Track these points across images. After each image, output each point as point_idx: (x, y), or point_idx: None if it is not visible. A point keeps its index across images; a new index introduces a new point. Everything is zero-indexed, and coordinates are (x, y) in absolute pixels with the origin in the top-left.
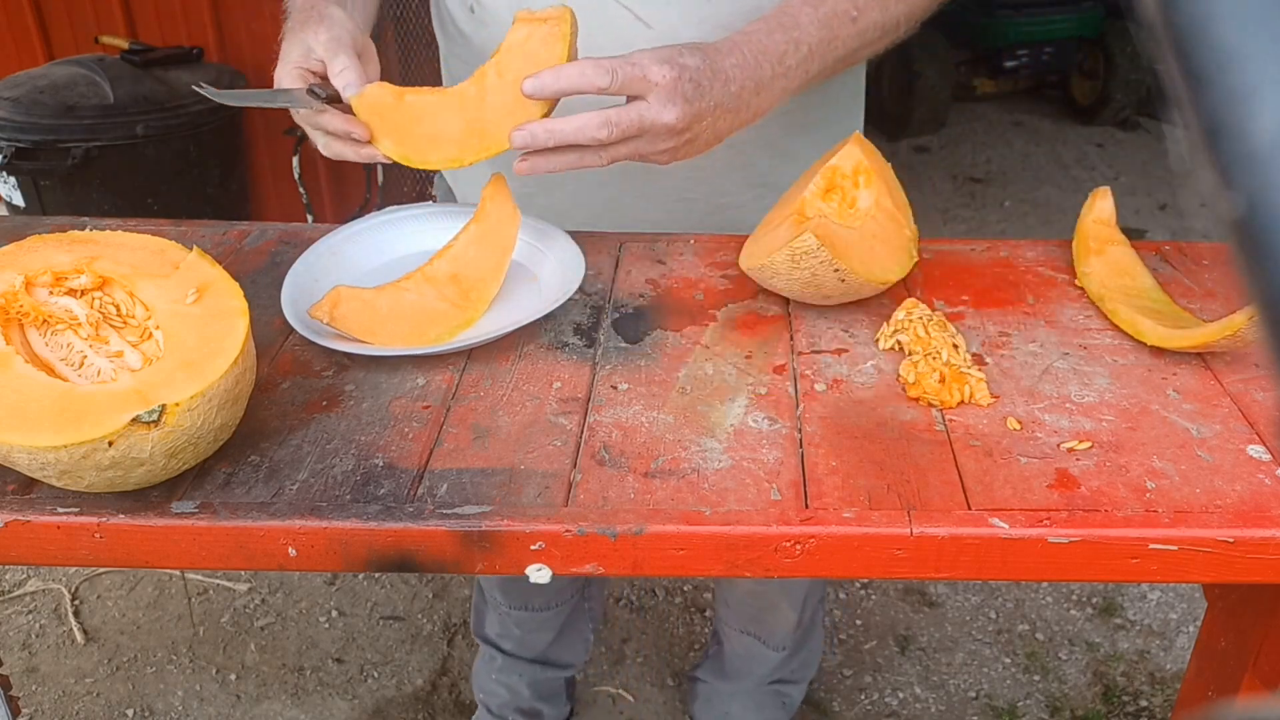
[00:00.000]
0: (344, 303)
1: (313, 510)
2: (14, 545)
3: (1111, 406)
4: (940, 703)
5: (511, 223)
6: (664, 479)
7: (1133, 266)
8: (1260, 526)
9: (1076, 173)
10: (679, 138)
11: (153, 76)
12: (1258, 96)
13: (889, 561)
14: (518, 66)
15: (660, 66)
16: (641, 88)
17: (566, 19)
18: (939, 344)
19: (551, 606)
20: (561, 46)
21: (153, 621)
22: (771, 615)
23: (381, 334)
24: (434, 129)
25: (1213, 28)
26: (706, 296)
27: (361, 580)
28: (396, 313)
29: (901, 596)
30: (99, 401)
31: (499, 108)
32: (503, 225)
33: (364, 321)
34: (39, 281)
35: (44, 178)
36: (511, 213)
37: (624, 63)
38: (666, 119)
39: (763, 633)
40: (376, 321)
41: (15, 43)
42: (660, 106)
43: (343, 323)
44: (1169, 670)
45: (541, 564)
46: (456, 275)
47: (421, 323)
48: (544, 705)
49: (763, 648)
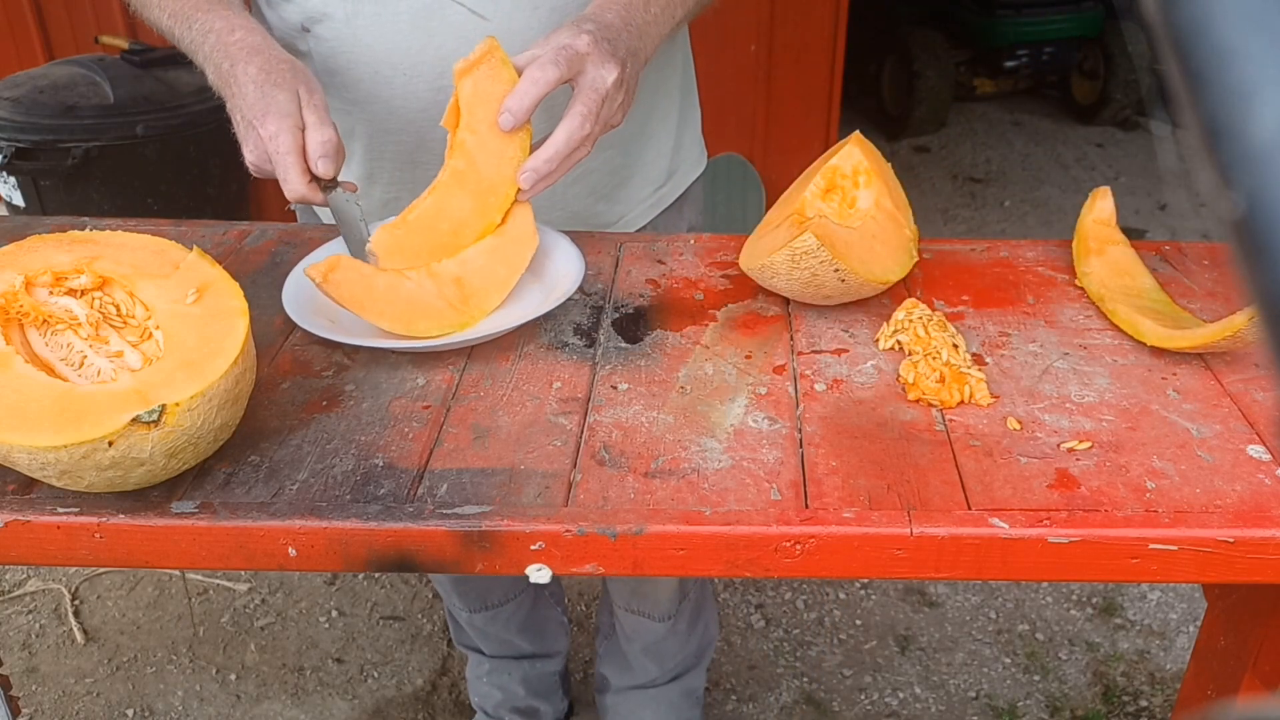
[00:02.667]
0: (341, 270)
1: (313, 510)
2: (14, 545)
3: (1111, 406)
4: (940, 703)
5: (528, 244)
6: (664, 479)
7: (1133, 266)
8: (1260, 526)
9: (1076, 173)
10: (622, 90)
11: (153, 76)
12: (1258, 96)
13: (889, 561)
14: (484, 114)
15: (578, 37)
16: (579, 62)
17: (496, 47)
18: (939, 344)
19: (510, 599)
20: (507, 71)
21: (153, 621)
22: (650, 584)
23: (370, 309)
24: (453, 222)
25: (1213, 28)
26: (706, 296)
27: (361, 580)
28: (391, 295)
29: (901, 596)
30: (99, 401)
31: (491, 162)
32: (519, 244)
33: (355, 293)
34: (39, 281)
35: (44, 178)
36: (530, 234)
37: (555, 48)
38: (611, 76)
39: (645, 606)
40: (369, 297)
41: (15, 43)
42: (600, 68)
43: (335, 288)
44: (1169, 670)
45: (541, 564)
46: (461, 279)
47: (412, 313)
48: (540, 702)
49: (649, 621)
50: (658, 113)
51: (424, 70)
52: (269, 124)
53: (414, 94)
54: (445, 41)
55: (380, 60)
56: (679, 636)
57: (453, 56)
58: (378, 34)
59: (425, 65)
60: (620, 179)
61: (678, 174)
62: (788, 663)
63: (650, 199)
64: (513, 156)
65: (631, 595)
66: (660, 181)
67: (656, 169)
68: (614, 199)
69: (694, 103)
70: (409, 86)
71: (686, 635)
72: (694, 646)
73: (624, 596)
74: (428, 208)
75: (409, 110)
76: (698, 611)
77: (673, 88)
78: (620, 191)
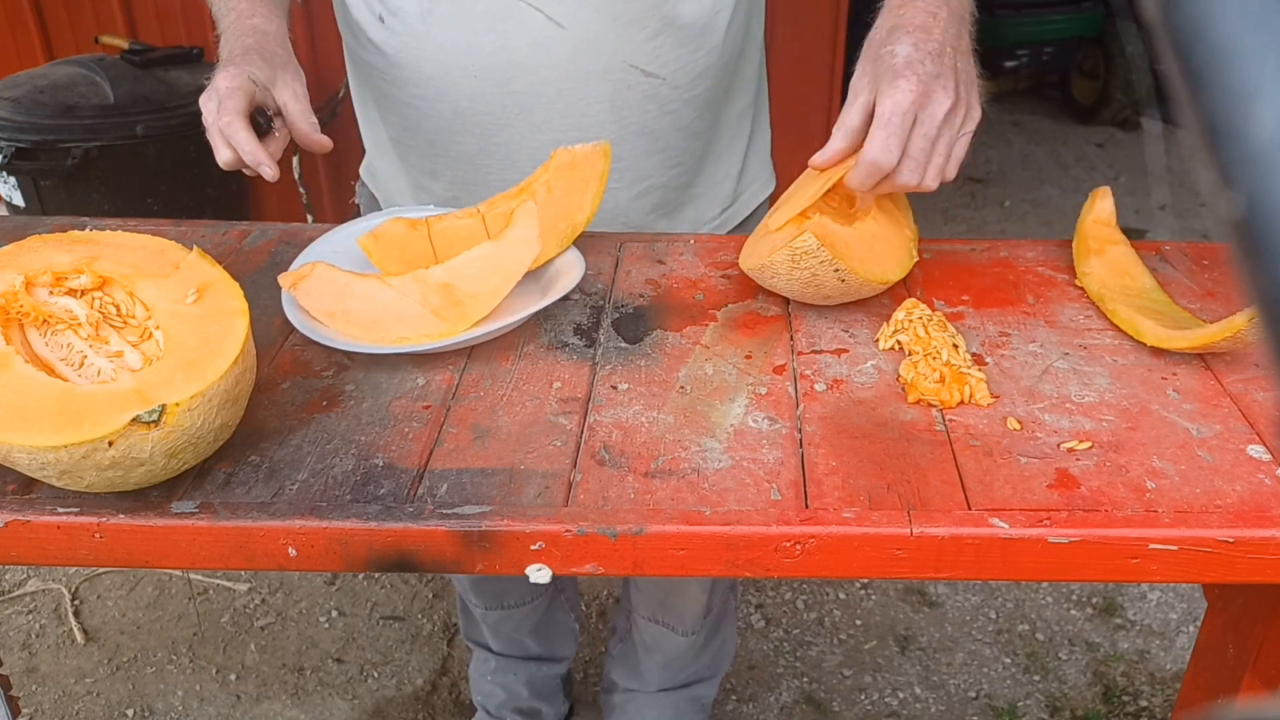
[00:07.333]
0: (315, 278)
1: (313, 510)
2: (14, 545)
3: (1111, 406)
4: (940, 703)
5: (527, 251)
6: (664, 479)
7: (1133, 266)
8: (1260, 526)
9: (1076, 173)
10: (960, 105)
11: (153, 76)
12: (1258, 96)
13: (889, 561)
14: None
15: (902, 91)
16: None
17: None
18: (939, 344)
19: (526, 602)
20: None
21: (153, 621)
22: (680, 598)
23: (339, 318)
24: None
25: (1213, 28)
26: (706, 296)
27: (361, 580)
28: (365, 303)
29: (901, 596)
30: (99, 401)
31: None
32: (516, 251)
33: (325, 303)
34: (39, 281)
35: (44, 178)
36: (530, 242)
37: (889, 122)
38: (942, 110)
39: (671, 618)
40: (339, 306)
41: (15, 43)
42: (934, 106)
43: (304, 297)
44: (1169, 670)
45: (541, 564)
46: (449, 286)
47: (387, 321)
48: (542, 704)
49: (671, 634)
50: (726, 133)
51: (495, 73)
52: (227, 79)
53: (483, 95)
54: (519, 45)
55: (451, 59)
56: (695, 650)
57: (525, 61)
58: (452, 33)
59: (497, 68)
60: (687, 197)
61: (744, 195)
62: (788, 663)
63: (716, 219)
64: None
65: (659, 607)
66: (726, 203)
67: (723, 189)
68: (677, 217)
69: (765, 124)
70: (478, 87)
71: (703, 649)
72: (708, 658)
73: (650, 607)
74: (455, 228)
75: (476, 111)
76: (717, 626)
77: (745, 107)
78: (685, 210)
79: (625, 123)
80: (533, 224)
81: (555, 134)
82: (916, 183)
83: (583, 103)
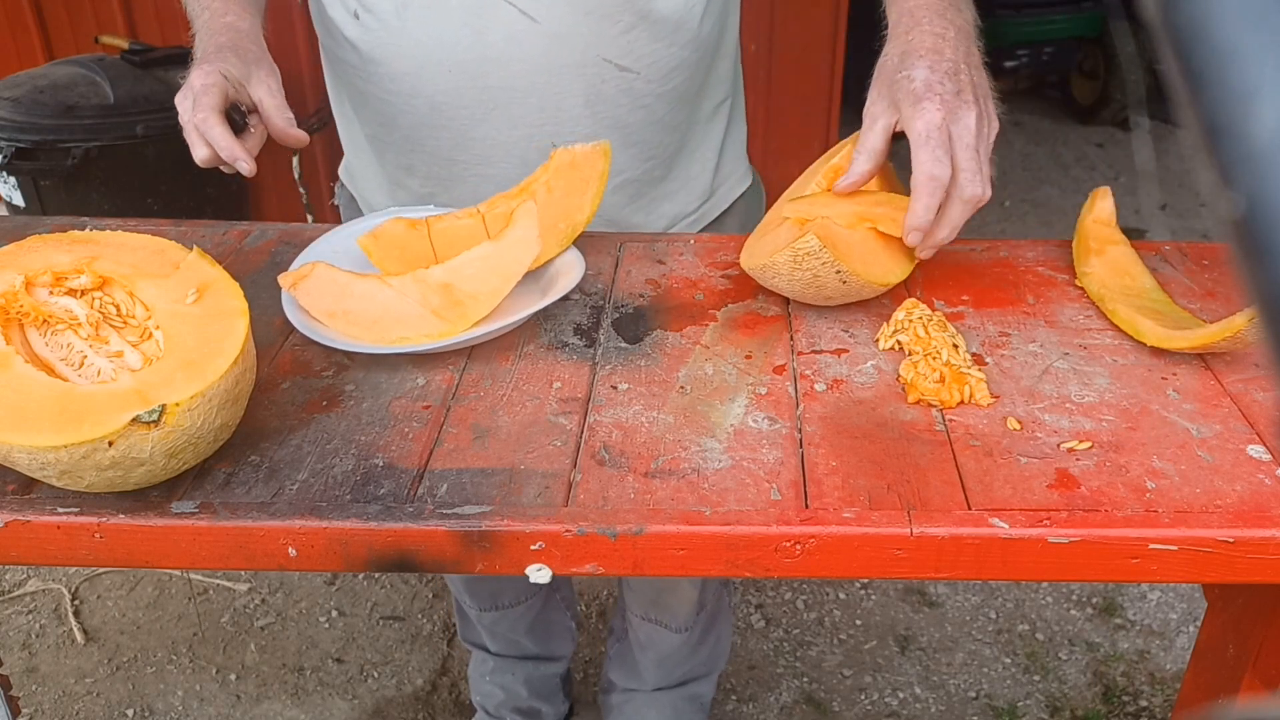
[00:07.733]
0: (315, 278)
1: (313, 510)
2: (14, 545)
3: (1111, 406)
4: (940, 703)
5: (527, 251)
6: (664, 479)
7: (1133, 266)
8: (1260, 526)
9: (1076, 173)
10: (983, 119)
11: (153, 76)
12: (1258, 96)
13: (889, 561)
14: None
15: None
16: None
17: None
18: (939, 344)
19: (521, 601)
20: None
21: (153, 621)
22: (672, 595)
23: (339, 319)
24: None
25: (1213, 28)
26: (706, 296)
27: (361, 580)
28: (365, 303)
29: (901, 596)
30: (99, 401)
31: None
32: (516, 251)
33: (325, 302)
34: (39, 281)
35: (44, 178)
36: (530, 242)
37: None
38: (971, 124)
39: (664, 615)
40: (339, 306)
41: (15, 43)
42: (961, 123)
43: (304, 297)
44: (1169, 670)
45: (541, 564)
46: (449, 286)
47: (387, 321)
48: (541, 704)
49: (665, 631)
50: (701, 127)
51: (469, 68)
52: (202, 75)
53: (457, 90)
54: (493, 40)
55: (426, 55)
56: (690, 647)
57: (499, 56)
58: (426, 28)
59: (471, 63)
60: (662, 191)
61: (721, 189)
62: (788, 663)
63: (693, 214)
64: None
65: (651, 605)
66: (703, 197)
67: (699, 184)
68: (653, 211)
69: (741, 120)
70: (453, 83)
71: (698, 645)
72: (704, 656)
73: (642, 605)
74: (455, 228)
75: (451, 107)
76: (711, 623)
77: (721, 103)
78: (661, 204)
79: (599, 117)
80: (533, 224)
81: (530, 128)
82: (981, 192)
83: (557, 97)
